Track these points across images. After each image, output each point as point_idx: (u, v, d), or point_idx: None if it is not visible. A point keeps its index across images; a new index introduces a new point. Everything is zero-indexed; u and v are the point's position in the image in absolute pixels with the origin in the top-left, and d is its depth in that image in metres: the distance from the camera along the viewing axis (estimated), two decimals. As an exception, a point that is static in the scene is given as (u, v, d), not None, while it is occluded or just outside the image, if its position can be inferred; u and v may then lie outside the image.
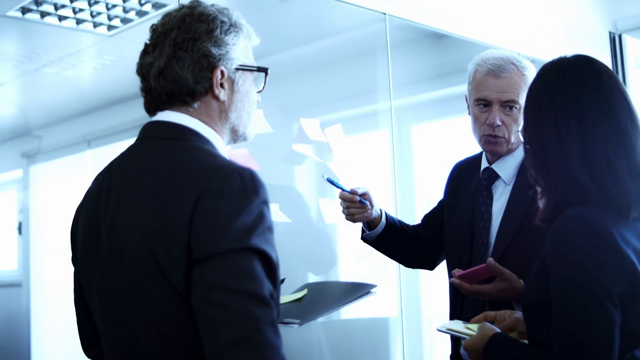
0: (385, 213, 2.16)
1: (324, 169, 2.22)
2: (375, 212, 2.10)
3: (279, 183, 2.00)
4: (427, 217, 2.34)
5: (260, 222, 1.22)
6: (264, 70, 1.46)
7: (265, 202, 1.25)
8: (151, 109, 1.41)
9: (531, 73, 2.06)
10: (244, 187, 1.22)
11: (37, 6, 2.82)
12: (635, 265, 1.32)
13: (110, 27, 3.08)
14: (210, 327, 1.17)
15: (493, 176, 2.02)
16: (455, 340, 1.66)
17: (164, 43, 1.35)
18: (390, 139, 3.46)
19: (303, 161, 2.09)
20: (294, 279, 3.31)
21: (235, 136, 1.45)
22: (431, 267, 2.34)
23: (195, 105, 1.37)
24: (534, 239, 1.46)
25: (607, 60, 4.86)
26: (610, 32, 4.84)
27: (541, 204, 1.46)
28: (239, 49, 1.40)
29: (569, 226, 1.35)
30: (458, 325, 1.69)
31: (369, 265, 3.75)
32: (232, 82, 1.40)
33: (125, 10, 2.96)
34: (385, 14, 3.24)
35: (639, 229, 1.39)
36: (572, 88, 1.42)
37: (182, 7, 1.40)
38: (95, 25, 3.05)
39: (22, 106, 4.20)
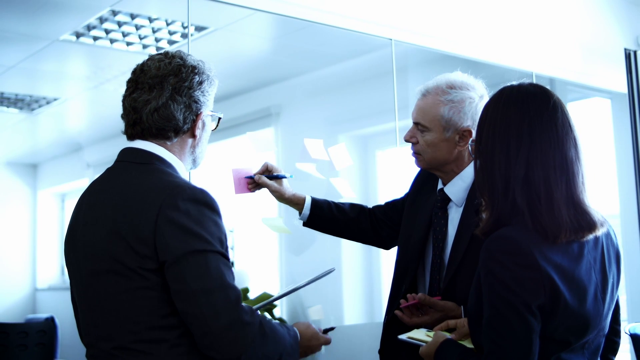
0: (314, 200, 2.23)
1: (326, 186, 2.32)
2: (288, 192, 2.16)
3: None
4: (388, 206, 2.35)
5: (215, 229, 1.48)
6: (220, 116, 1.75)
7: (217, 214, 1.51)
8: (133, 135, 1.64)
9: (461, 97, 2.02)
10: (196, 202, 1.48)
11: (89, 31, 3.07)
12: (554, 279, 1.42)
13: (158, 49, 3.30)
14: (201, 322, 1.43)
15: (446, 198, 2.05)
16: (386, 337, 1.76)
17: (163, 86, 1.59)
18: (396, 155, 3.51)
19: (306, 178, 2.21)
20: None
21: (194, 164, 1.72)
22: (385, 247, 2.40)
23: (175, 140, 1.64)
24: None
25: (622, 77, 4.74)
26: (625, 49, 4.73)
27: (483, 216, 1.54)
28: (212, 98, 1.70)
29: (494, 244, 1.46)
30: (420, 334, 1.77)
31: (367, 273, 3.85)
32: (203, 124, 1.68)
33: (170, 33, 3.17)
34: (391, 39, 3.35)
35: (569, 250, 1.47)
36: (528, 115, 1.50)
37: (168, 55, 1.64)
38: (144, 47, 3.27)
39: (85, 120, 4.50)
